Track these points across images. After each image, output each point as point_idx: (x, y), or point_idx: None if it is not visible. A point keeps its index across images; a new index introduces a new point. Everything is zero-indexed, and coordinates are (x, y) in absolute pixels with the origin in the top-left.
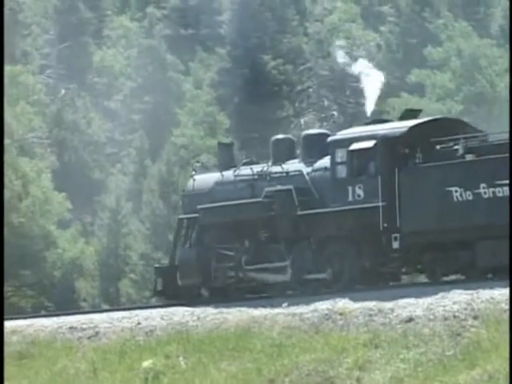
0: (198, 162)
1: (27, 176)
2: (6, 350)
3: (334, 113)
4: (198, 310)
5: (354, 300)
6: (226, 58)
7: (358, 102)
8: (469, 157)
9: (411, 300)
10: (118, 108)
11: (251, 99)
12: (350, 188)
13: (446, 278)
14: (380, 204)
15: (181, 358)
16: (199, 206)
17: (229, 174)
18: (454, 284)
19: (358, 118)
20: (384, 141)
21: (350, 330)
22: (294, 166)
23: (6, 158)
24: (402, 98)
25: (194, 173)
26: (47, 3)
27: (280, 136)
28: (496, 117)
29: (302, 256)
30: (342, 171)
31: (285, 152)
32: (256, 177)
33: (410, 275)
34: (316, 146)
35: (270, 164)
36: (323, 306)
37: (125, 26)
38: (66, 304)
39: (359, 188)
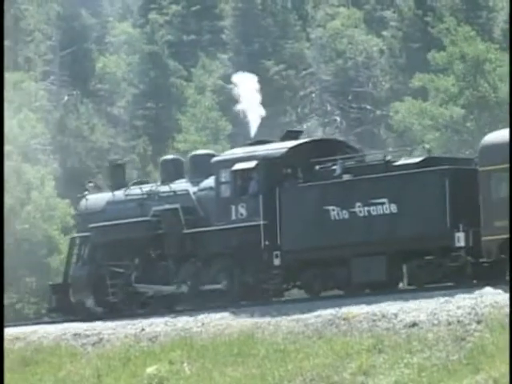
0: (90, 182)
1: (30, 182)
2: (10, 356)
3: (337, 118)
4: (202, 316)
5: (358, 305)
6: (228, 64)
7: (360, 107)
8: (346, 177)
9: (415, 305)
10: (121, 114)
11: None
12: (233, 207)
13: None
14: (261, 223)
15: (185, 364)
16: (91, 225)
17: (120, 194)
18: (457, 289)
19: (362, 122)
20: (265, 161)
21: (354, 335)
22: (181, 185)
23: (10, 164)
24: (406, 102)
25: (86, 192)
26: (50, 10)
27: (168, 156)
28: (498, 121)
29: (190, 273)
30: (225, 191)
31: (173, 172)
32: (145, 196)
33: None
34: (202, 167)
35: (158, 184)
36: (327, 311)
37: (127, 32)
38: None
39: (242, 207)
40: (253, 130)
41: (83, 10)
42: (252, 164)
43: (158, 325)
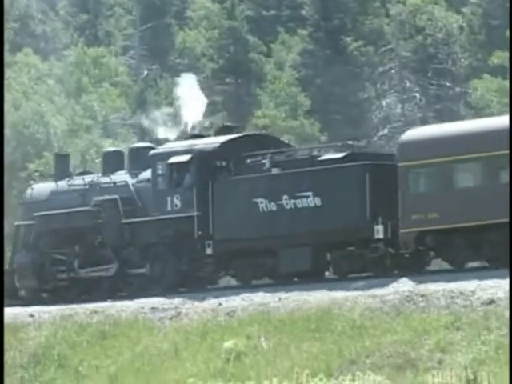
0: (36, 171)
1: None
2: (88, 330)
3: (416, 95)
4: (280, 292)
5: (436, 282)
6: (307, 40)
7: (440, 84)
8: (274, 170)
9: (492, 282)
10: (200, 89)
11: (333, 80)
12: (168, 198)
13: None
14: (195, 214)
15: (262, 339)
16: (35, 214)
17: (63, 184)
18: None
19: (441, 99)
20: (199, 155)
21: (432, 311)
22: (120, 177)
23: (91, 138)
24: (485, 79)
25: (32, 182)
26: None
27: (110, 149)
28: None
29: (129, 261)
30: (162, 183)
31: (113, 164)
32: (87, 187)
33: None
34: (141, 159)
35: (99, 175)
36: (404, 288)
37: (207, 7)
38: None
39: (177, 199)
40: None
41: None
42: (187, 157)
43: (236, 299)
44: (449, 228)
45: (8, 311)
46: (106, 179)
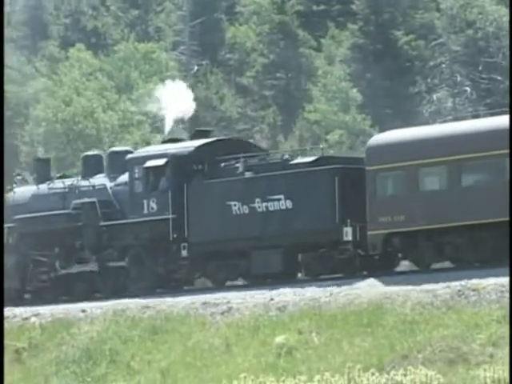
0: (19, 175)
1: None
2: (140, 325)
3: (467, 89)
4: (331, 287)
5: (486, 277)
6: (357, 34)
7: (490, 78)
8: (247, 174)
9: None
10: (250, 84)
11: (383, 75)
12: (145, 202)
13: None
14: (170, 216)
15: (314, 334)
16: (16, 217)
17: (44, 188)
18: None
19: (492, 93)
20: (174, 159)
21: (483, 306)
22: (99, 180)
23: (140, 133)
24: None
25: (14, 185)
26: None
27: (89, 153)
28: None
29: (106, 263)
30: (138, 186)
31: (93, 167)
32: (67, 190)
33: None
34: (119, 162)
35: (79, 178)
36: (455, 282)
37: (257, 2)
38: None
39: (153, 202)
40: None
41: None
42: (162, 161)
43: (287, 294)
44: (414, 230)
45: (59, 307)
46: (85, 182)
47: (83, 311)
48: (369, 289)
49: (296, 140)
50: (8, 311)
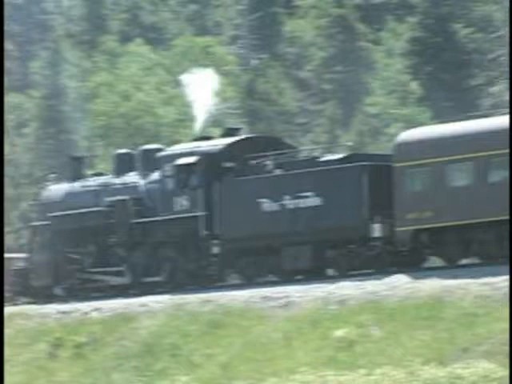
0: (53, 173)
1: None
2: (200, 319)
3: None
4: (390, 280)
5: None
6: (416, 27)
7: None
8: (277, 171)
9: None
10: (309, 78)
11: (442, 68)
12: (176, 199)
13: None
14: (201, 214)
15: (374, 327)
16: (50, 214)
17: (77, 185)
18: None
19: None
20: (205, 157)
21: None
22: (131, 178)
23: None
24: None
25: (48, 183)
26: None
27: (121, 150)
28: None
29: (139, 260)
30: (170, 184)
31: (125, 165)
32: (100, 188)
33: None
34: (152, 160)
35: (112, 176)
36: None
37: None
38: None
39: (184, 199)
40: None
41: None
42: (193, 159)
43: (347, 288)
44: (442, 226)
45: (120, 301)
46: (117, 180)
47: (144, 306)
48: (429, 282)
49: (355, 134)
50: (69, 306)
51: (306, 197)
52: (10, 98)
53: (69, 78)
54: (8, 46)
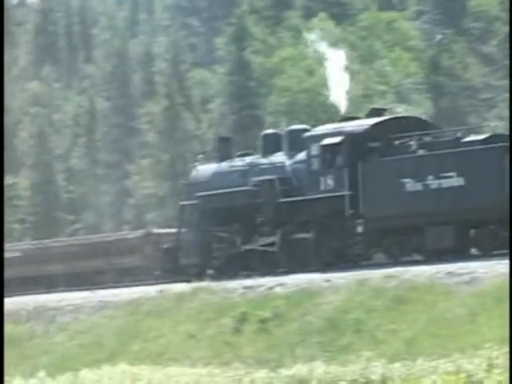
0: (203, 153)
1: None
2: (384, 295)
3: None
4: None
5: None
6: None
7: None
8: (420, 152)
9: None
10: (494, 53)
11: None
12: (322, 178)
13: None
14: (346, 193)
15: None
16: (198, 194)
17: (225, 165)
18: None
19: None
20: (350, 137)
21: None
22: (278, 158)
23: (383, 103)
24: None
25: (196, 163)
26: None
27: (269, 131)
28: None
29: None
30: (315, 163)
31: (272, 145)
32: (247, 168)
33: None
34: (298, 140)
35: (259, 156)
36: None
37: None
38: None
39: (329, 179)
40: None
41: None
42: (338, 139)
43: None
44: None
45: (303, 276)
46: (264, 160)
47: (327, 281)
48: None
49: None
50: (253, 281)
51: (449, 177)
52: (194, 74)
53: (253, 54)
54: (193, 21)
